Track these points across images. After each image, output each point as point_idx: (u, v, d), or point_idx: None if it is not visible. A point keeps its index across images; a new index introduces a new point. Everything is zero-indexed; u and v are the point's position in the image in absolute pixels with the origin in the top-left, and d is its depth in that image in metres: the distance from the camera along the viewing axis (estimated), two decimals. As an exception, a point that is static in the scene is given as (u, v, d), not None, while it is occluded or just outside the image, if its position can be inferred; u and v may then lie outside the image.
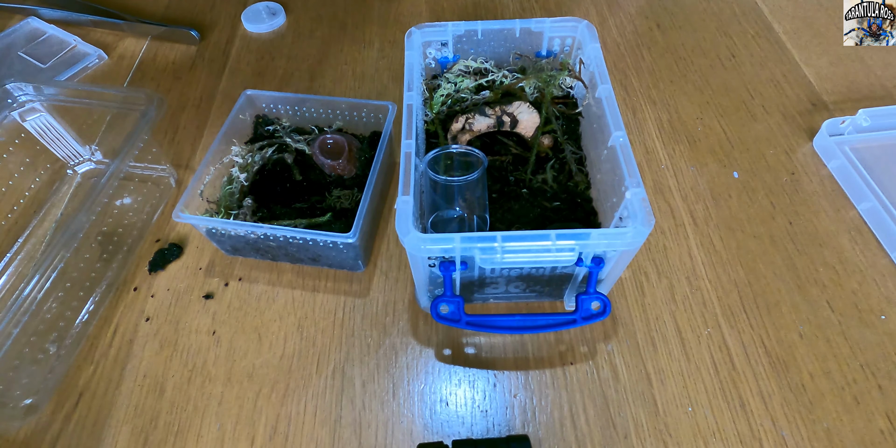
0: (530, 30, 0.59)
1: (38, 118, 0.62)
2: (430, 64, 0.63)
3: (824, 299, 0.55)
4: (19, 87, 0.59)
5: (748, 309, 0.54)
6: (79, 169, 0.68)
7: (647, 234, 0.41)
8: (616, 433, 0.48)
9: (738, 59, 0.78)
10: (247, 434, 0.49)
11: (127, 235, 0.61)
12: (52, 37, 0.82)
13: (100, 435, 0.49)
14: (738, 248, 0.59)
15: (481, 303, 0.56)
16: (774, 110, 0.71)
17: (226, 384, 0.51)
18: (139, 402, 0.51)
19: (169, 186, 0.65)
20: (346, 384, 0.51)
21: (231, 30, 0.85)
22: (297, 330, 0.54)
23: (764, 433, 0.48)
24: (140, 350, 0.54)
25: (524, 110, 0.57)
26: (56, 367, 0.52)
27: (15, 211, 0.62)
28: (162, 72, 0.79)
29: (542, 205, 0.56)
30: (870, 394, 0.49)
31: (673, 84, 0.75)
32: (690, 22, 0.84)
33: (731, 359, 0.51)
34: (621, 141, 0.47)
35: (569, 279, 0.50)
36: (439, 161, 0.54)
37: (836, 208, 0.61)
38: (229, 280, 0.58)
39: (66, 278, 0.55)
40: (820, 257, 0.58)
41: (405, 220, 0.42)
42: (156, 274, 0.59)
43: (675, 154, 0.67)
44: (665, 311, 0.55)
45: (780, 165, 0.65)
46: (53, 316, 0.53)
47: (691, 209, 0.62)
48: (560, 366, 0.52)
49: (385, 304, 0.56)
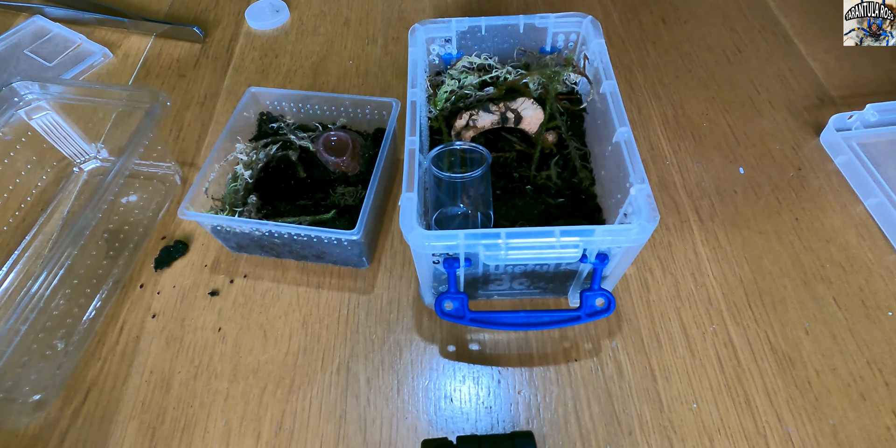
0: (534, 25, 0.59)
1: (44, 116, 0.63)
2: (433, 60, 0.63)
3: (831, 295, 0.54)
4: (25, 85, 0.60)
5: (754, 305, 0.54)
6: (85, 167, 0.68)
7: (651, 231, 0.41)
8: (620, 429, 0.48)
9: (744, 53, 0.77)
10: (252, 429, 0.49)
11: (133, 233, 0.61)
12: (58, 35, 0.82)
13: (108, 430, 0.49)
14: (744, 244, 0.58)
15: (485, 299, 0.56)
16: (781, 105, 0.71)
17: (231, 380, 0.52)
18: (146, 398, 0.51)
19: (174, 184, 0.66)
20: (350, 380, 0.51)
21: (235, 27, 0.86)
22: (301, 326, 0.55)
23: (769, 430, 0.47)
24: (147, 346, 0.54)
25: (528, 106, 0.57)
26: (64, 364, 0.52)
27: (22, 209, 0.63)
28: (166, 69, 0.80)
29: (546, 201, 0.55)
30: (876, 390, 0.49)
31: (678, 79, 0.74)
32: (696, 17, 0.83)
33: (736, 355, 0.51)
34: (626, 137, 0.47)
35: (573, 276, 0.50)
36: (443, 158, 0.54)
37: (843, 204, 0.61)
38: (234, 277, 0.58)
39: (73, 275, 0.55)
40: (826, 253, 0.57)
41: (409, 217, 0.42)
42: (161, 271, 0.59)
43: (681, 150, 0.67)
44: (670, 307, 0.54)
45: (786, 161, 0.65)
46: (61, 313, 0.53)
47: (696, 205, 0.62)
48: (564, 362, 0.52)
49: (389, 300, 0.56)
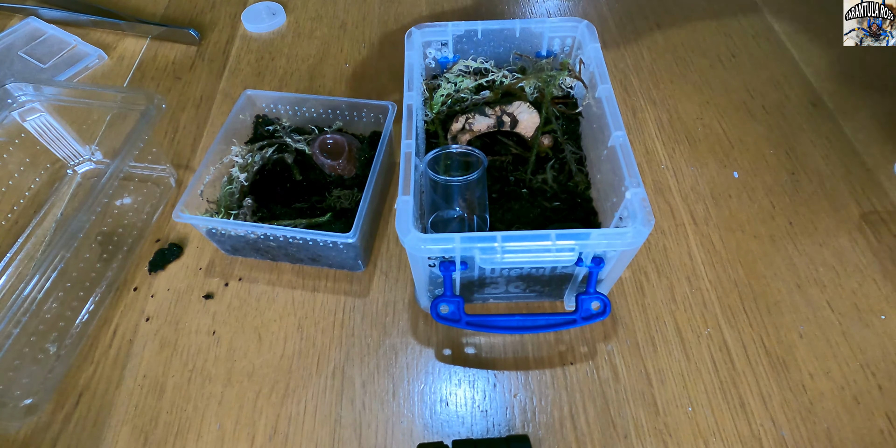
0: (530, 30, 0.59)
1: (38, 118, 0.62)
2: (430, 64, 0.63)
3: (824, 299, 0.55)
4: (19, 86, 0.59)
5: (748, 309, 0.54)
6: (79, 169, 0.68)
7: (647, 234, 0.41)
8: (616, 433, 0.48)
9: (738, 58, 0.78)
10: (247, 434, 0.49)
11: (127, 235, 0.60)
12: (52, 37, 0.82)
13: (100, 435, 0.49)
14: (738, 248, 0.59)
15: (481, 303, 0.56)
16: (774, 110, 0.71)
17: (226, 384, 0.51)
18: (139, 402, 0.51)
19: (169, 186, 0.65)
20: (346, 384, 0.51)
21: (231, 30, 0.85)
22: (297, 330, 0.54)
23: (764, 433, 0.48)
24: (140, 350, 0.54)
25: (524, 110, 0.57)
26: (56, 367, 0.51)
27: (15, 211, 0.62)
28: (162, 72, 0.79)
29: (542, 205, 0.56)
30: (870, 394, 0.49)
31: (673, 84, 0.75)
32: (690, 21, 0.84)
33: (731, 359, 0.51)
34: (621, 141, 0.47)
35: (569, 279, 0.50)
36: (439, 161, 0.54)
37: (836, 208, 0.61)
38: (229, 280, 0.58)
39: (66, 278, 0.55)
40: (820, 257, 0.58)
41: (405, 220, 0.42)
42: (156, 274, 0.59)
43: (676, 154, 0.67)
44: (665, 311, 0.55)
45: (779, 165, 0.65)
46: (53, 316, 0.53)
47: (691, 209, 0.62)
48: (560, 366, 0.52)
49: (385, 304, 0.56)
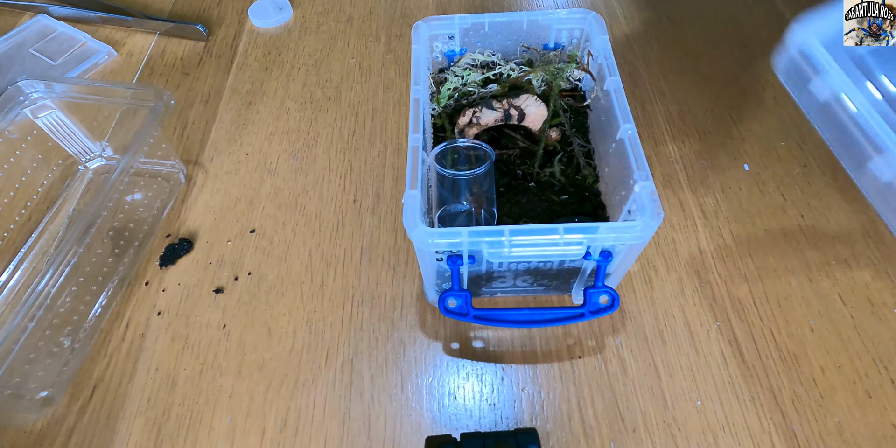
0: (538, 22, 0.59)
1: (49, 115, 0.63)
2: (436, 57, 0.63)
3: (836, 292, 0.54)
4: (30, 84, 0.60)
5: (758, 302, 0.54)
6: (90, 165, 0.68)
7: (655, 228, 0.41)
8: (624, 427, 0.48)
9: (749, 49, 0.77)
10: (257, 426, 0.49)
11: (138, 230, 0.61)
12: (62, 34, 0.82)
13: (114, 427, 0.50)
14: (749, 241, 0.58)
15: (489, 297, 0.56)
16: (786, 102, 0.70)
17: (236, 377, 0.52)
18: (152, 395, 0.51)
19: (178, 182, 0.66)
20: (354, 377, 0.52)
21: (238, 25, 0.86)
22: (305, 324, 0.55)
23: (774, 427, 0.47)
24: (152, 344, 0.54)
25: (532, 103, 0.56)
26: (71, 361, 0.52)
27: (28, 207, 0.63)
28: (170, 68, 0.80)
29: (549, 198, 0.55)
30: (882, 388, 0.49)
31: (682, 76, 0.74)
32: (700, 12, 0.82)
33: (740, 352, 0.51)
34: (630, 134, 0.46)
35: (577, 273, 0.50)
36: (446, 155, 0.54)
37: (849, 201, 0.60)
38: (239, 274, 0.59)
39: (78, 273, 0.56)
40: (832, 250, 0.57)
41: (413, 215, 0.42)
42: (166, 268, 0.59)
43: (685, 146, 0.66)
44: (674, 304, 0.54)
45: (791, 157, 0.65)
46: (67, 310, 0.54)
47: (701, 202, 0.61)
48: (568, 359, 0.52)
49: (393, 298, 0.56)
